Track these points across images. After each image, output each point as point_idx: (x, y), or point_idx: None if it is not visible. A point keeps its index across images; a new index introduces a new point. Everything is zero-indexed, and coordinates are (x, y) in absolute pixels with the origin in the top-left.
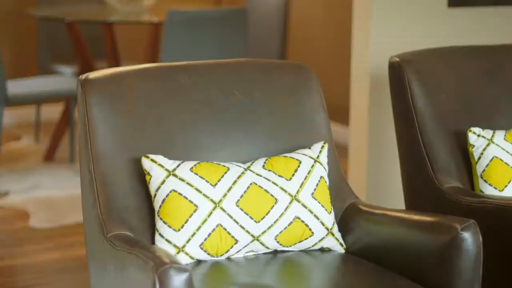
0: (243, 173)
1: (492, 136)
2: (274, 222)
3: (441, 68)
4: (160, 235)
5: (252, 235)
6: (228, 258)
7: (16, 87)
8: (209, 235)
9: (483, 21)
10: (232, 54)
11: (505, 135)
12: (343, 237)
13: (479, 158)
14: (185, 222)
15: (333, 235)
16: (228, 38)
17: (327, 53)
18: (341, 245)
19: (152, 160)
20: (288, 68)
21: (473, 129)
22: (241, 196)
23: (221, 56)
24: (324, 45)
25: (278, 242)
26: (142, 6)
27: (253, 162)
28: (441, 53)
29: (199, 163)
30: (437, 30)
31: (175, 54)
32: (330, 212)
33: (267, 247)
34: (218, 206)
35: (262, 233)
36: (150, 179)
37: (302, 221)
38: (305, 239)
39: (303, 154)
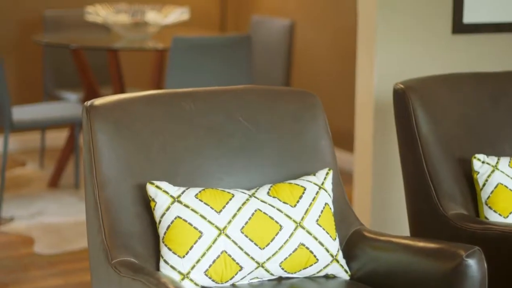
0: (247, 199)
1: (497, 162)
2: (279, 249)
3: (445, 94)
4: (165, 261)
5: (256, 262)
6: (233, 285)
7: (21, 113)
8: (214, 261)
9: (486, 48)
10: (236, 81)
11: (509, 162)
12: (348, 263)
13: (483, 185)
14: (190, 249)
15: (337, 261)
16: (233, 65)
17: (331, 80)
18: (346, 271)
19: (157, 187)
20: (293, 94)
21: (477, 155)
22: (246, 223)
23: (226, 83)
24: (329, 72)
25: (282, 268)
26: (147, 32)
27: (257, 189)
28: (445, 80)
29: (204, 189)
30: (441, 57)
31: (180, 81)
32: (335, 238)
33: (271, 274)
34: (223, 232)
35: (267, 259)
36: (155, 205)
37: (307, 248)
38: (310, 266)
39: (308, 180)
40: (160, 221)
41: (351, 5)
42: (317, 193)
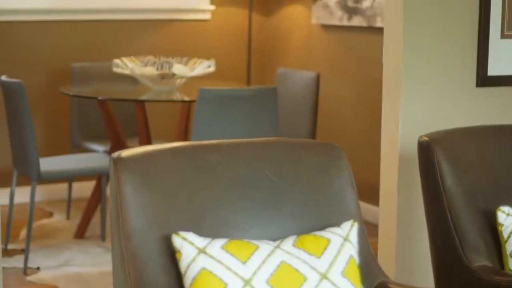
0: (273, 251)
1: None
2: None
3: (469, 147)
4: None
5: None
6: None
7: (48, 164)
8: None
9: (511, 101)
10: (262, 133)
11: None
12: None
13: (508, 237)
14: None
15: None
16: (259, 117)
17: (357, 132)
18: None
19: (183, 238)
20: (317, 147)
21: (502, 208)
22: (271, 274)
23: (252, 135)
24: (354, 124)
25: None
26: (173, 84)
27: (282, 240)
28: (469, 132)
29: (229, 240)
30: (465, 110)
31: (206, 132)
32: None
33: None
34: (248, 284)
35: None
36: (180, 256)
37: None
38: None
39: (333, 232)
40: (185, 272)
41: (376, 57)
42: (342, 245)
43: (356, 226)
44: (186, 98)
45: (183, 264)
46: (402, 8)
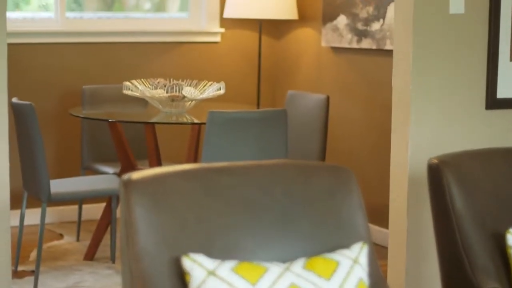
0: (282, 273)
1: None
2: None
3: (479, 169)
4: None
5: None
6: None
7: (58, 186)
8: None
9: None
10: (272, 155)
11: None
12: None
13: None
14: None
15: None
16: (269, 139)
17: (366, 154)
18: None
19: (193, 260)
20: (327, 170)
21: (511, 230)
22: None
23: (262, 157)
24: (364, 146)
25: None
26: (183, 107)
27: (292, 262)
28: (479, 155)
29: (239, 262)
30: (474, 132)
31: (216, 155)
32: None
33: None
34: None
35: None
36: (190, 278)
37: None
38: None
39: (342, 254)
40: None
41: (386, 79)
42: (351, 267)
43: (365, 248)
44: (196, 121)
45: (193, 286)
46: (412, 30)
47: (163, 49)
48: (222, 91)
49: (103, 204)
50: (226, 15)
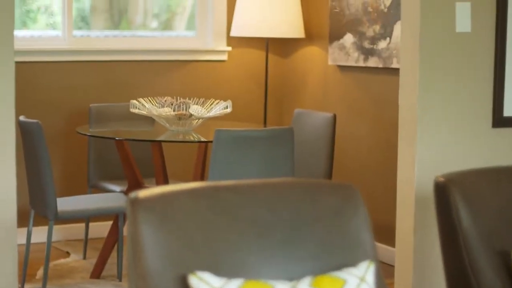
0: None
1: None
2: None
3: (486, 188)
4: None
5: None
6: None
7: (65, 204)
8: None
9: None
10: (279, 173)
11: None
12: None
13: None
14: None
15: None
16: (276, 157)
17: (373, 172)
18: None
19: (199, 278)
20: (333, 188)
21: None
22: None
23: (268, 175)
24: (370, 164)
25: None
26: (190, 125)
27: (299, 281)
28: (485, 173)
29: (246, 281)
30: (481, 150)
31: (223, 173)
32: None
33: None
34: None
35: None
36: None
37: None
38: None
39: (349, 273)
40: None
41: (392, 98)
42: (358, 285)
43: (372, 266)
44: (203, 139)
45: None
46: (418, 49)
47: (170, 68)
48: (229, 110)
49: (110, 222)
50: (233, 33)
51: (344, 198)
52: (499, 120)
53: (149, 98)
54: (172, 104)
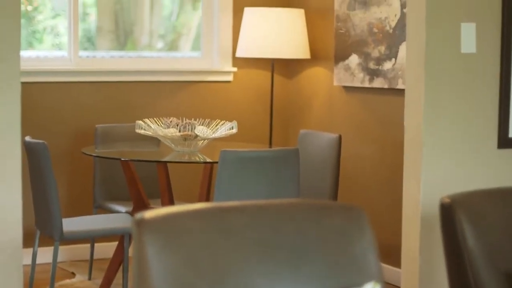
0: None
1: None
2: None
3: (491, 209)
4: None
5: None
6: None
7: (71, 224)
8: None
9: None
10: (284, 194)
11: None
12: None
13: None
14: None
15: None
16: (281, 178)
17: (378, 193)
18: None
19: None
20: (339, 209)
21: None
22: None
23: (273, 196)
24: (375, 185)
25: None
26: (196, 146)
27: None
28: (491, 194)
29: None
30: (487, 171)
31: (229, 193)
32: None
33: None
34: None
35: None
36: None
37: None
38: None
39: None
40: None
41: (398, 118)
42: None
43: (378, 287)
44: (209, 160)
45: None
46: (424, 70)
47: (175, 88)
48: (234, 130)
49: (116, 243)
50: (239, 54)
51: (350, 219)
52: (504, 141)
53: (155, 118)
54: (177, 125)
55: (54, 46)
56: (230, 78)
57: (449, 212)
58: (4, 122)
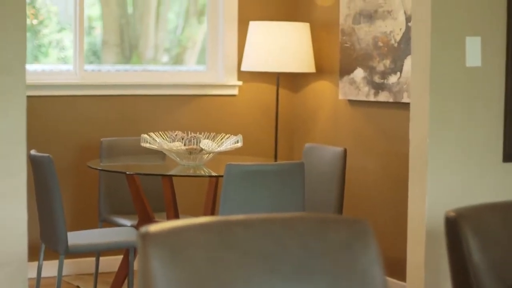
0: None
1: None
2: None
3: (497, 222)
4: None
5: None
6: None
7: (76, 238)
8: None
9: None
10: (289, 207)
11: None
12: None
13: None
14: None
15: None
16: (286, 192)
17: (383, 207)
18: None
19: None
20: (344, 223)
21: None
22: None
23: (278, 209)
24: (381, 199)
25: None
26: (201, 159)
27: None
28: (496, 208)
29: None
30: (492, 185)
31: (234, 207)
32: None
33: None
34: None
35: None
36: None
37: None
38: None
39: None
40: None
41: (403, 132)
42: None
43: None
44: (214, 173)
45: None
46: (429, 83)
47: (180, 102)
48: (239, 144)
49: (121, 257)
50: (244, 68)
51: (355, 232)
52: (509, 155)
53: (160, 132)
54: (182, 139)
55: (59, 59)
56: (235, 91)
57: (454, 226)
58: (10, 135)
